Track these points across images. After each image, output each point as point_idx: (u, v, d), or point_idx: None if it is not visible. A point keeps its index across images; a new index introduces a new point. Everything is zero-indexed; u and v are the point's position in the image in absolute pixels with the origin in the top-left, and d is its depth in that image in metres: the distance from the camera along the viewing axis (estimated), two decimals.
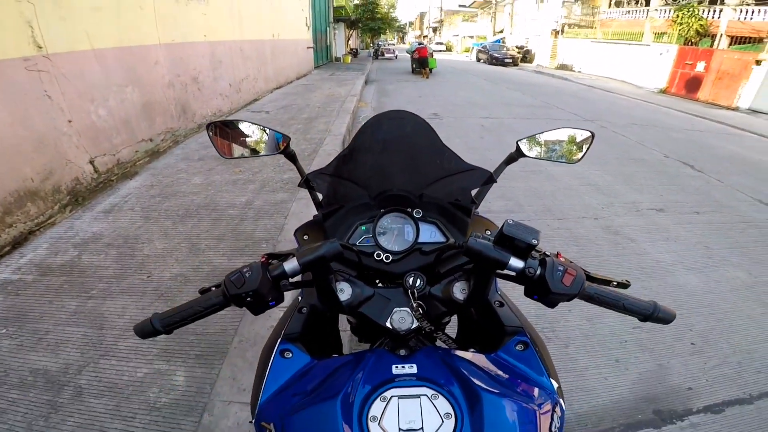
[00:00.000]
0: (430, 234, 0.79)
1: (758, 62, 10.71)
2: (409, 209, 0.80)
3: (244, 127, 0.87)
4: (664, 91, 13.64)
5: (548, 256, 0.60)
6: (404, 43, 65.65)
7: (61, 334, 1.86)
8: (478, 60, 25.62)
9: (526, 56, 24.94)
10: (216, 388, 1.59)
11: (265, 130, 0.87)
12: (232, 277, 0.57)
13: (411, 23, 78.66)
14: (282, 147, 0.86)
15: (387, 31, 38.50)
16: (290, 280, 0.61)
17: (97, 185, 3.45)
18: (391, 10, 31.06)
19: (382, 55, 25.51)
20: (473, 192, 0.86)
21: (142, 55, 4.29)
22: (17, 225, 2.68)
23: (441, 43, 46.55)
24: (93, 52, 3.56)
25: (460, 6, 48.82)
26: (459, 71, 17.59)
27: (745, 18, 12.81)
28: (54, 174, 3.06)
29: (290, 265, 0.59)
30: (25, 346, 1.78)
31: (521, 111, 7.72)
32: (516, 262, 0.57)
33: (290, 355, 0.65)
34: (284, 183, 3.52)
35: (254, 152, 0.88)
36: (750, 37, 12.54)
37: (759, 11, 12.30)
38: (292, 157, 0.88)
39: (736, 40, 13.14)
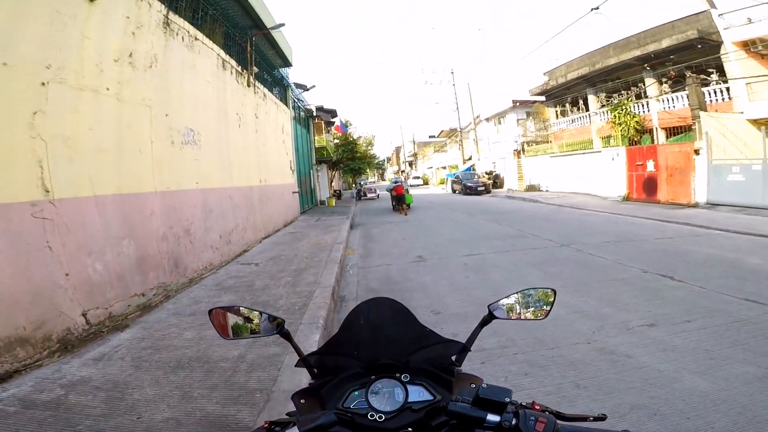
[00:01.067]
0: (418, 394, 0.86)
1: (696, 152, 11.36)
2: (397, 374, 0.89)
3: (242, 311, 1.03)
4: (626, 198, 14.24)
5: (523, 407, 0.71)
6: (384, 179, 69.46)
7: None
8: (453, 191, 26.79)
9: (497, 181, 26.20)
10: None
11: (260, 314, 1.02)
12: None
13: (389, 158, 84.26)
14: (278, 327, 1.00)
15: (367, 169, 41.27)
16: None
17: (87, 335, 3.40)
18: (369, 148, 32.62)
19: (365, 195, 26.83)
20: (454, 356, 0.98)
21: (139, 205, 4.39)
22: (3, 365, 2.62)
23: (418, 177, 49.74)
24: (94, 198, 3.63)
25: (430, 137, 53.01)
26: (437, 206, 18.67)
27: (668, 108, 13.99)
28: (46, 324, 3.03)
29: None
30: None
31: (500, 244, 8.05)
32: (493, 417, 0.68)
33: None
34: (276, 338, 3.45)
35: (252, 333, 1.03)
36: (681, 127, 13.52)
37: (677, 98, 13.62)
38: (287, 336, 1.00)
39: (671, 131, 14.16)
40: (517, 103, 24.32)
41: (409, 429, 0.79)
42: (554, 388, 2.61)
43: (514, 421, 0.68)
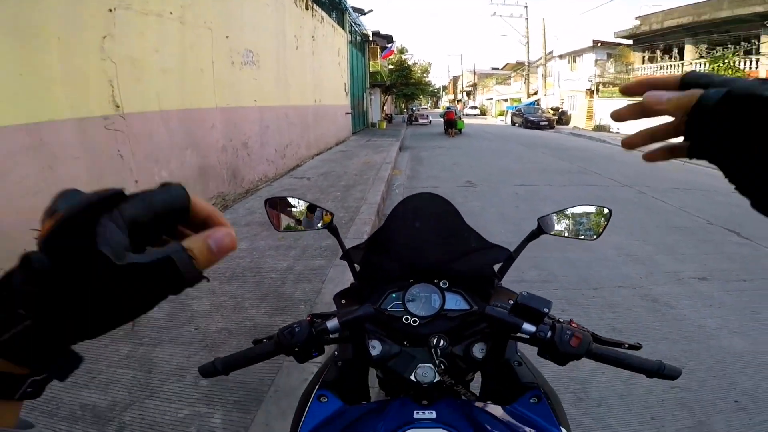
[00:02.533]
0: (455, 302, 0.86)
1: None
2: (436, 280, 0.88)
3: (295, 202, 1.01)
4: None
5: (560, 322, 0.69)
6: (438, 107, 66.57)
7: (113, 375, 2.03)
8: (513, 123, 25.75)
9: (562, 118, 24.76)
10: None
11: (312, 206, 1.00)
12: (285, 331, 0.71)
13: (445, 87, 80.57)
14: (326, 222, 0.99)
15: (421, 96, 39.71)
16: (330, 336, 0.72)
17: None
18: (425, 75, 31.75)
19: (416, 120, 26.07)
20: (497, 267, 0.95)
21: (201, 118, 4.65)
22: None
23: (475, 107, 47.21)
24: (160, 113, 3.90)
25: (492, 69, 50.43)
26: (493, 136, 17.90)
27: None
28: None
29: (332, 323, 0.70)
30: (78, 384, 1.94)
31: (557, 178, 7.70)
32: (529, 327, 0.66)
33: (326, 399, 0.75)
34: (323, 250, 3.76)
35: (303, 226, 1.01)
36: None
37: None
38: (334, 231, 0.99)
39: None
40: (598, 43, 22.58)
41: (441, 335, 0.78)
42: (590, 328, 2.65)
43: (549, 334, 0.66)
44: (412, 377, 0.74)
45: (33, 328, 0.24)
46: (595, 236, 0.97)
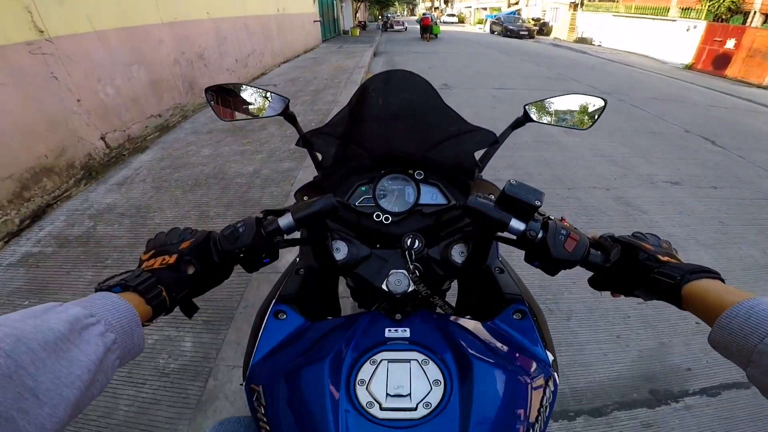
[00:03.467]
0: (431, 196, 0.77)
1: None
2: (410, 170, 0.78)
3: (242, 90, 0.86)
4: (689, 67, 13.11)
5: (551, 219, 0.57)
6: (414, 15, 64.05)
7: None
8: (492, 32, 24.66)
9: (543, 29, 23.96)
10: (221, 353, 1.62)
11: (264, 93, 0.86)
12: (226, 233, 0.56)
13: None
14: (282, 108, 0.84)
15: (396, 3, 36.99)
16: (285, 237, 0.59)
17: (109, 160, 3.54)
18: None
19: (391, 27, 24.95)
20: (478, 156, 0.83)
21: (145, 35, 4.32)
22: (35, 199, 2.77)
23: (453, 15, 44.95)
24: (95, 33, 3.59)
25: None
26: (472, 42, 17.03)
27: None
28: (67, 151, 3.14)
29: (285, 220, 0.57)
30: None
31: (535, 82, 7.47)
32: (517, 224, 0.54)
33: (284, 316, 0.64)
34: (291, 152, 3.49)
35: (254, 114, 0.87)
36: None
37: None
38: (291, 118, 0.86)
39: None
40: None
41: (415, 234, 0.68)
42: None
43: (541, 234, 0.54)
44: (384, 286, 0.65)
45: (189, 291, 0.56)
46: (585, 126, 0.88)
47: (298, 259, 0.78)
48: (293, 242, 0.64)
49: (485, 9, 36.75)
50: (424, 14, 21.07)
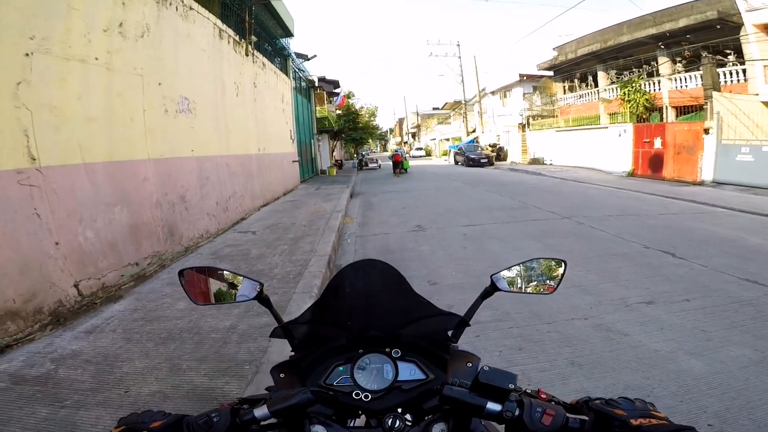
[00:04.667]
0: (409, 372, 0.79)
1: (706, 131, 11.37)
2: (387, 349, 0.81)
3: (216, 273, 0.91)
4: (631, 174, 14.17)
5: (529, 395, 0.61)
6: (386, 150, 69.16)
7: None
8: (456, 162, 26.58)
9: (500, 153, 25.90)
10: None
11: (238, 276, 0.89)
12: (200, 421, 0.58)
13: (391, 130, 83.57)
14: (256, 293, 0.88)
15: (369, 139, 41.02)
16: (261, 425, 0.61)
17: (80, 307, 3.38)
18: (372, 119, 33.04)
19: (366, 165, 26.83)
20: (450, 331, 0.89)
21: (131, 171, 4.33)
22: None
23: (420, 149, 49.38)
24: (84, 166, 3.59)
25: (434, 108, 52.73)
26: (439, 176, 18.54)
27: (680, 87, 13.94)
28: (37, 296, 3.01)
29: (260, 412, 0.60)
30: None
31: (501, 215, 7.98)
32: (493, 406, 0.58)
33: None
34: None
35: (227, 299, 0.90)
36: (692, 106, 13.48)
37: (690, 77, 13.59)
38: (266, 302, 0.89)
39: (681, 110, 14.10)
40: (524, 77, 23.90)
41: (399, 410, 0.72)
42: (548, 365, 2.59)
43: (517, 412, 0.59)
44: None
45: None
46: (548, 291, 0.94)
47: None
48: (271, 427, 0.65)
49: (448, 139, 40.21)
50: (395, 151, 23.06)
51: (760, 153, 10.10)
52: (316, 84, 19.64)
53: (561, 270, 0.94)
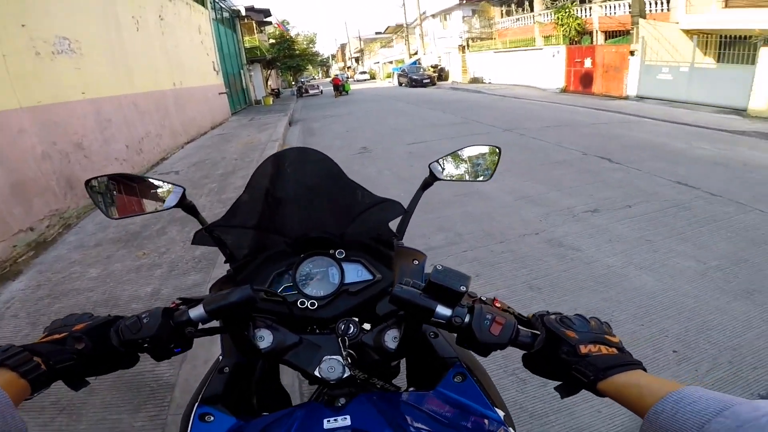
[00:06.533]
0: (356, 273, 0.77)
1: (632, 53, 12.28)
2: (331, 251, 0.77)
3: (129, 181, 0.80)
4: (564, 90, 15.01)
5: (482, 302, 0.58)
6: (329, 76, 68.71)
7: None
8: (400, 84, 26.40)
9: (442, 74, 26.04)
10: None
11: (154, 182, 0.79)
12: (128, 322, 0.55)
13: (333, 56, 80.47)
14: (178, 199, 0.77)
15: (309, 66, 38.68)
16: (198, 328, 0.57)
17: None
18: (311, 45, 31.06)
19: (307, 92, 25.20)
20: (396, 224, 0.85)
21: None
22: None
23: (365, 72, 47.77)
24: None
25: (376, 33, 51.28)
26: (383, 98, 17.95)
27: (611, 13, 14.61)
28: None
29: (196, 312, 0.56)
30: None
31: (445, 131, 7.85)
32: (443, 310, 0.55)
33: (211, 418, 0.59)
34: (196, 261, 3.04)
35: (146, 209, 0.80)
36: (620, 31, 14.25)
37: (620, 5, 14.12)
38: (190, 209, 0.80)
39: (610, 35, 14.87)
40: (464, 1, 23.88)
41: (350, 320, 0.68)
42: (508, 291, 2.48)
43: (467, 318, 0.55)
44: (317, 373, 0.62)
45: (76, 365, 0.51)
46: (487, 177, 0.93)
47: (221, 357, 0.72)
48: (209, 332, 0.61)
49: (391, 62, 39.45)
50: (335, 75, 24.00)
51: (678, 73, 10.99)
52: (244, 14, 18.44)
53: (496, 157, 0.92)
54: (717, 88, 9.82)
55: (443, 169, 0.91)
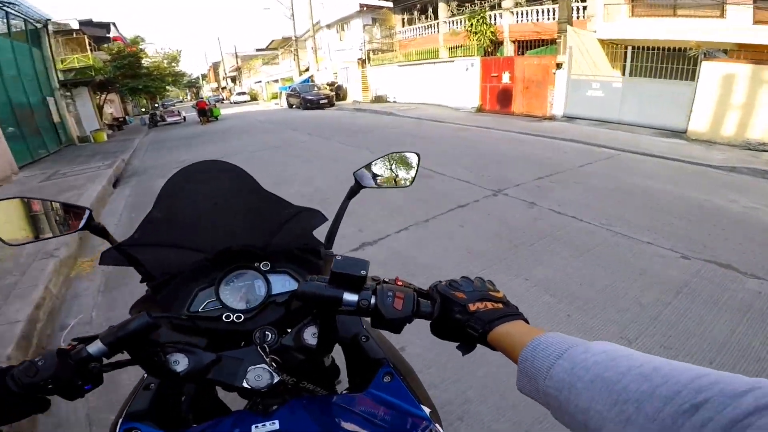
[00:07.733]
0: (283, 284, 0.77)
1: (559, 65, 10.77)
2: (256, 264, 0.77)
3: (30, 204, 0.75)
4: (479, 109, 13.18)
5: (385, 282, 0.59)
6: (201, 98, 62.37)
7: None
8: (291, 106, 22.82)
9: (339, 93, 23.34)
10: None
11: (58, 205, 0.76)
12: (21, 368, 0.51)
13: (204, 75, 73.54)
14: (85, 221, 0.72)
15: (172, 88, 32.91)
16: (104, 363, 0.55)
17: None
18: (174, 64, 25.24)
19: (162, 120, 19.90)
20: (325, 233, 0.86)
21: None
22: None
23: (243, 93, 41.90)
24: None
25: (257, 50, 45.15)
26: (273, 125, 13.98)
27: (523, 21, 13.00)
28: None
29: (95, 347, 0.54)
30: None
31: (406, 205, 4.57)
32: (350, 297, 0.55)
33: None
34: None
35: (46, 232, 0.74)
36: (534, 40, 12.71)
37: (534, 11, 12.57)
38: (100, 231, 0.73)
39: (525, 45, 13.25)
40: (365, 8, 20.91)
41: (266, 327, 0.68)
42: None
43: (373, 300, 0.55)
44: (245, 384, 0.60)
45: None
46: (407, 184, 0.94)
47: (146, 375, 0.67)
48: (117, 365, 0.57)
49: (277, 81, 35.25)
50: (199, 98, 21.17)
51: (610, 89, 9.81)
52: (76, 27, 15.11)
53: (415, 162, 0.95)
54: (653, 107, 8.78)
55: (368, 176, 0.91)
